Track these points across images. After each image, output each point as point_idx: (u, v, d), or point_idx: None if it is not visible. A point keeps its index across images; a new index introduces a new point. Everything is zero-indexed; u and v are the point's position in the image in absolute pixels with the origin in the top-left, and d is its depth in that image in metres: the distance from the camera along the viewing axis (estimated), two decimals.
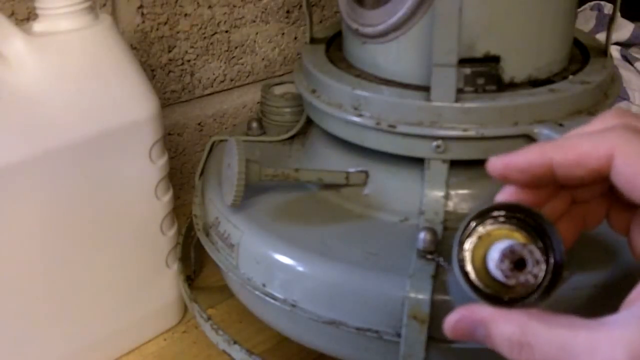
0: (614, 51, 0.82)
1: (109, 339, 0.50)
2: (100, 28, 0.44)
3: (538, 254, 0.25)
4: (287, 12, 0.73)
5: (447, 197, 0.41)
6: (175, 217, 0.52)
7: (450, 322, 0.27)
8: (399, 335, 0.36)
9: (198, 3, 0.65)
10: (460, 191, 0.42)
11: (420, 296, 0.35)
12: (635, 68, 0.80)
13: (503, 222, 0.26)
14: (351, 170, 0.45)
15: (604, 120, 0.26)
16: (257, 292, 0.41)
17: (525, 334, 0.24)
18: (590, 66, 0.44)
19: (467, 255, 0.26)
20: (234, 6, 0.68)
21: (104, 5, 0.59)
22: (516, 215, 0.26)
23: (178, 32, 0.65)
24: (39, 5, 0.42)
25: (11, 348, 0.44)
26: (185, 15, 0.65)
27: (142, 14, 0.62)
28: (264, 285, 0.41)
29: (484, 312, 0.25)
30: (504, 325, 0.25)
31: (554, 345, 0.23)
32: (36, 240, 0.43)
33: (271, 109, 0.54)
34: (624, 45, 0.84)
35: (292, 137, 0.53)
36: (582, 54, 0.47)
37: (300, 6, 0.73)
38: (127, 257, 0.49)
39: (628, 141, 0.24)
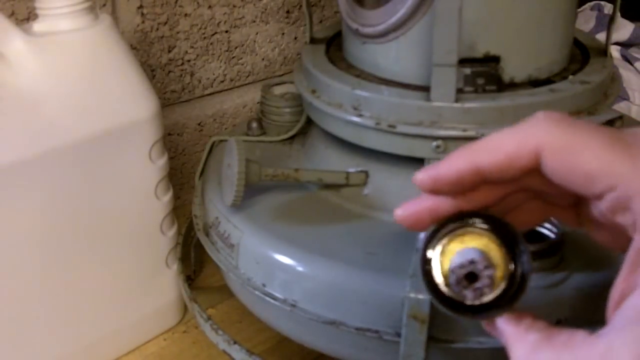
0: (614, 51, 0.82)
1: (109, 339, 0.50)
2: (100, 28, 0.44)
3: (482, 265, 0.24)
4: (287, 12, 0.73)
5: None
6: (175, 217, 0.52)
7: (489, 324, 0.27)
8: (399, 335, 0.36)
9: (198, 3, 0.65)
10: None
11: (420, 296, 0.35)
12: (635, 68, 0.80)
13: (477, 228, 0.26)
14: (351, 170, 0.45)
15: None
16: (257, 292, 0.41)
17: (531, 357, 0.24)
18: (590, 66, 0.44)
19: (437, 257, 0.26)
20: (234, 6, 0.68)
21: (104, 5, 0.59)
22: (484, 222, 0.26)
23: (178, 32, 0.65)
24: (39, 5, 0.42)
25: (11, 348, 0.44)
26: (185, 15, 0.65)
27: (142, 14, 0.62)
28: (264, 285, 0.41)
29: (506, 325, 0.25)
30: (518, 346, 0.25)
31: None
32: (36, 240, 0.43)
33: (271, 109, 0.54)
34: (624, 45, 0.84)
35: (292, 137, 0.53)
36: (582, 54, 0.47)
37: (300, 6, 0.73)
38: (127, 257, 0.49)
39: (552, 134, 0.24)
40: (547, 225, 0.38)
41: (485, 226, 0.25)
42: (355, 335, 0.38)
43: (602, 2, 0.88)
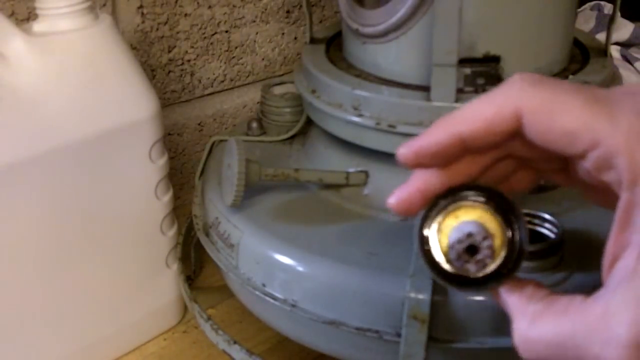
0: (614, 51, 0.82)
1: (109, 339, 0.50)
2: (100, 28, 0.44)
3: (480, 237, 0.24)
4: (287, 12, 0.73)
5: None
6: (175, 217, 0.52)
7: (496, 293, 0.26)
8: (399, 335, 0.36)
9: (198, 3, 0.65)
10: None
11: (420, 296, 0.35)
12: (635, 68, 0.80)
13: (469, 201, 0.26)
14: (351, 170, 0.45)
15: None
16: (257, 292, 0.41)
17: (531, 331, 0.24)
18: (590, 66, 0.44)
19: (434, 236, 0.26)
20: (234, 6, 0.68)
21: (104, 5, 0.59)
22: (475, 194, 0.25)
23: (178, 32, 0.65)
24: (39, 5, 0.42)
25: (11, 348, 0.44)
26: (185, 15, 0.65)
27: (142, 14, 0.62)
28: (264, 285, 0.41)
29: (508, 296, 0.25)
30: (520, 318, 0.24)
31: (556, 340, 0.23)
32: (36, 239, 0.43)
33: (271, 109, 0.54)
34: (624, 45, 0.84)
35: (292, 137, 0.53)
36: (582, 54, 0.47)
37: (300, 6, 0.73)
38: (127, 257, 0.49)
39: (530, 96, 0.23)
40: (547, 225, 0.38)
41: (477, 198, 0.25)
42: (355, 335, 0.38)
43: (602, 2, 0.88)
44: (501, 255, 0.25)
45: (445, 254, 0.25)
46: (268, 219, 0.44)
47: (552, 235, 0.37)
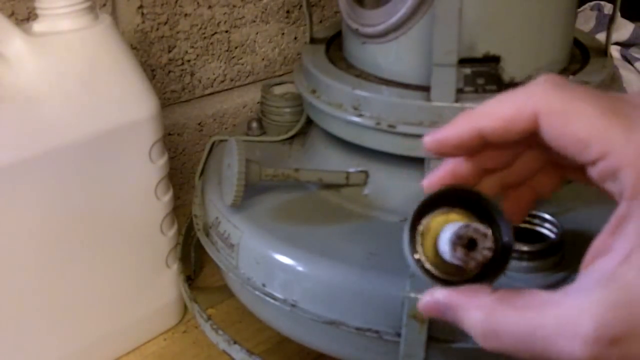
0: (614, 51, 0.82)
1: (109, 339, 0.50)
2: (100, 28, 0.44)
3: (483, 228, 0.24)
4: (287, 12, 0.73)
5: None
6: (175, 217, 0.52)
7: (422, 304, 0.27)
8: (399, 335, 0.36)
9: (198, 3, 0.65)
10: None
11: (420, 296, 0.35)
12: (635, 68, 0.80)
13: (450, 207, 0.26)
14: (351, 170, 0.45)
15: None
16: (257, 292, 0.41)
17: (491, 321, 0.24)
18: (590, 66, 0.44)
19: (419, 242, 0.26)
20: (234, 6, 0.68)
21: (104, 5, 0.59)
22: (461, 198, 0.26)
23: (178, 32, 0.65)
24: (39, 5, 0.42)
25: (11, 348, 0.44)
26: (185, 15, 0.65)
27: (142, 14, 0.62)
28: (264, 285, 0.41)
29: (451, 297, 0.25)
30: (472, 311, 0.25)
31: (521, 330, 0.23)
32: (36, 239, 0.43)
33: (271, 109, 0.54)
34: (624, 45, 0.84)
35: (292, 137, 0.53)
36: (582, 54, 0.47)
37: (300, 6, 0.73)
38: (127, 257, 0.49)
39: (549, 98, 0.24)
40: (547, 225, 0.38)
41: (463, 203, 0.26)
42: (355, 335, 0.38)
43: (602, 2, 0.88)
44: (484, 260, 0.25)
45: (430, 255, 0.26)
46: (268, 219, 0.44)
47: (552, 235, 0.37)
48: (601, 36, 0.68)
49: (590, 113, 0.23)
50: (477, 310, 0.24)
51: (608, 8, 0.87)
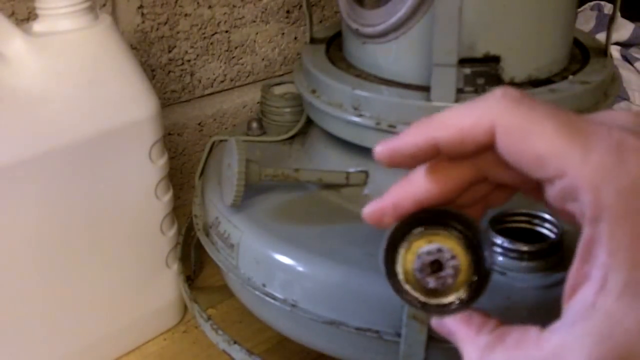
0: (614, 51, 0.82)
1: (109, 339, 0.50)
2: (100, 28, 0.44)
3: (445, 249, 0.25)
4: (287, 12, 0.73)
5: None
6: (175, 217, 0.52)
7: (434, 322, 0.27)
8: (399, 335, 0.36)
9: (198, 3, 0.65)
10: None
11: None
12: (635, 68, 0.80)
13: (432, 227, 0.26)
14: (351, 170, 0.45)
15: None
16: (257, 292, 0.41)
17: None
18: (590, 66, 0.44)
19: (399, 262, 0.26)
20: (234, 6, 0.68)
21: (104, 5, 0.59)
22: (444, 220, 0.25)
23: (178, 32, 0.65)
24: (39, 5, 0.42)
25: (11, 348, 0.44)
26: (185, 15, 0.65)
27: (142, 14, 0.62)
28: (264, 285, 0.41)
29: (456, 326, 0.25)
30: (469, 348, 0.25)
31: None
32: (36, 239, 0.43)
33: (271, 109, 0.54)
34: (624, 45, 0.84)
35: (292, 137, 0.53)
36: (582, 54, 0.47)
37: (300, 6, 0.73)
38: (127, 257, 0.49)
39: (507, 113, 0.23)
40: (547, 225, 0.38)
41: (448, 226, 0.25)
42: (355, 335, 0.38)
43: (602, 2, 0.88)
44: (460, 292, 0.25)
45: (406, 273, 0.26)
46: (268, 219, 0.44)
47: (552, 235, 0.37)
48: (601, 36, 0.68)
49: (549, 130, 0.22)
50: (473, 349, 0.24)
51: (608, 8, 0.87)
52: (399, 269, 0.26)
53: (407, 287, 0.26)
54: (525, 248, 0.36)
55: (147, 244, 0.50)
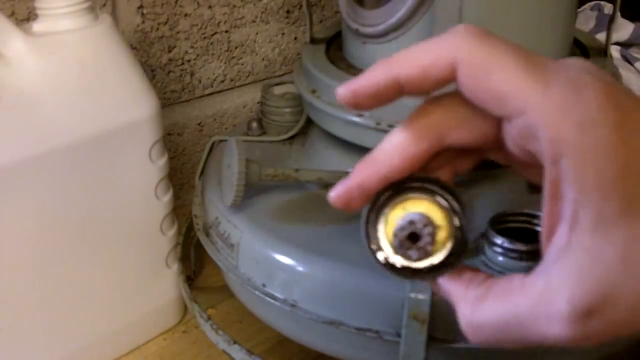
0: (614, 51, 0.82)
1: (109, 339, 0.50)
2: (100, 28, 0.44)
3: (420, 218, 0.25)
4: (287, 12, 0.73)
5: None
6: (175, 217, 0.52)
7: (434, 288, 0.27)
8: (399, 335, 0.36)
9: (198, 3, 0.65)
10: (461, 191, 0.42)
11: (420, 296, 0.35)
12: (635, 68, 0.80)
13: (416, 192, 0.26)
14: (351, 170, 0.45)
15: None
16: (257, 292, 0.41)
17: (475, 316, 0.24)
18: None
19: (382, 228, 0.26)
20: (234, 6, 0.68)
21: (104, 5, 0.59)
22: (425, 186, 0.26)
23: (178, 32, 0.65)
24: (39, 5, 0.42)
25: (11, 348, 0.44)
26: (185, 15, 0.65)
27: (142, 14, 0.62)
28: (264, 285, 0.41)
29: (448, 285, 0.26)
30: (461, 305, 0.25)
31: (501, 321, 0.23)
32: (36, 239, 0.43)
33: (271, 109, 0.54)
34: (624, 45, 0.84)
35: (292, 137, 0.53)
36: (582, 54, 0.47)
37: (300, 6, 0.73)
38: (127, 257, 0.49)
39: (468, 49, 0.23)
40: None
41: (422, 189, 0.26)
42: (355, 335, 0.38)
43: (602, 2, 0.88)
44: (447, 247, 0.25)
45: (392, 245, 0.26)
46: (268, 219, 0.44)
47: None
48: (601, 36, 0.68)
49: (510, 67, 0.22)
50: (464, 305, 0.25)
51: (608, 8, 0.87)
52: (384, 247, 0.26)
53: (394, 261, 0.26)
54: (525, 248, 0.36)
55: (147, 244, 0.50)
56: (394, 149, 0.25)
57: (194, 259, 0.58)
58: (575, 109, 0.21)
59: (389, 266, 0.26)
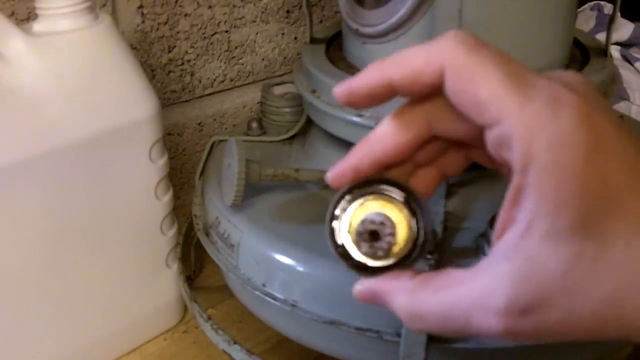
0: (614, 51, 0.82)
1: (109, 339, 0.50)
2: (100, 28, 0.44)
3: (379, 218, 0.26)
4: (287, 12, 0.73)
5: (446, 197, 0.41)
6: (175, 217, 0.52)
7: (355, 292, 0.28)
8: (399, 335, 0.36)
9: (198, 3, 0.65)
10: (460, 191, 0.42)
11: None
12: (635, 68, 0.80)
13: (373, 195, 0.27)
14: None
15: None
16: (257, 292, 0.41)
17: (414, 304, 0.25)
18: (590, 66, 0.44)
19: (344, 226, 0.27)
20: (234, 6, 0.68)
21: (104, 5, 0.59)
22: (391, 188, 0.26)
23: (178, 32, 0.65)
24: (39, 5, 0.42)
25: (11, 348, 0.44)
26: (185, 15, 0.65)
27: (142, 14, 0.62)
28: (264, 285, 0.41)
29: (377, 283, 0.26)
30: (397, 296, 0.25)
31: (441, 310, 0.24)
32: (36, 240, 0.43)
33: (271, 109, 0.54)
34: (624, 45, 0.84)
35: (292, 137, 0.53)
36: (582, 54, 0.47)
37: (300, 6, 0.73)
38: (127, 257, 0.49)
39: (456, 55, 0.24)
40: None
41: (387, 191, 0.26)
42: (355, 335, 0.38)
43: (602, 2, 0.88)
44: (404, 248, 0.26)
45: (353, 241, 0.27)
46: (268, 219, 0.44)
47: None
48: (601, 36, 0.68)
49: (493, 76, 0.23)
50: (401, 295, 0.25)
51: (608, 8, 0.87)
52: (345, 241, 0.27)
53: (354, 256, 0.27)
54: None
55: (147, 244, 0.50)
56: (386, 133, 0.27)
57: (194, 259, 0.58)
58: (549, 126, 0.22)
59: (346, 259, 0.27)
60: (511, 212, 0.23)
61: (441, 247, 0.38)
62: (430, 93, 0.25)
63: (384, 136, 0.27)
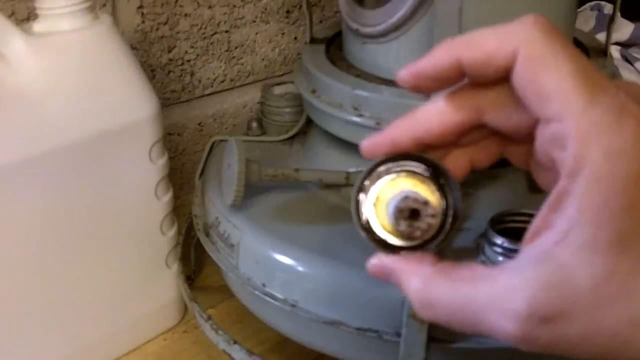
0: (614, 51, 0.82)
1: (109, 339, 0.50)
2: (100, 28, 0.44)
3: (422, 197, 0.25)
4: (287, 12, 0.73)
5: None
6: (175, 217, 0.52)
7: (369, 265, 0.27)
8: (399, 335, 0.36)
9: (198, 3, 0.65)
10: (461, 191, 0.42)
11: None
12: (635, 68, 0.80)
13: (405, 172, 0.26)
14: (351, 170, 0.45)
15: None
16: (257, 292, 0.41)
17: (427, 291, 0.24)
18: None
19: (370, 204, 0.26)
20: (234, 6, 0.68)
21: (104, 5, 0.59)
22: (418, 164, 0.26)
23: (178, 32, 0.65)
24: (39, 5, 0.42)
25: (11, 348, 0.44)
26: (185, 15, 0.65)
27: (142, 14, 0.62)
28: (264, 285, 0.41)
29: (395, 262, 0.26)
30: (412, 279, 0.25)
31: (455, 302, 0.23)
32: (36, 240, 0.43)
33: (271, 109, 0.54)
34: (624, 45, 0.84)
35: (292, 137, 0.53)
36: (582, 53, 0.47)
37: (300, 6, 0.73)
38: (127, 257, 0.49)
39: (532, 40, 0.23)
40: None
41: (415, 168, 0.26)
42: (355, 335, 0.38)
43: (602, 2, 0.88)
44: (438, 228, 0.26)
45: (386, 224, 0.26)
46: (268, 219, 0.44)
47: None
48: (601, 36, 0.68)
49: (564, 68, 0.22)
50: (416, 278, 0.25)
51: (608, 8, 0.87)
52: (374, 216, 0.26)
53: (384, 233, 0.26)
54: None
55: (147, 244, 0.50)
56: (434, 112, 0.26)
57: (194, 259, 0.58)
58: (609, 135, 0.21)
59: (367, 232, 0.26)
60: (549, 216, 0.22)
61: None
62: (496, 78, 0.24)
63: (431, 114, 0.26)
